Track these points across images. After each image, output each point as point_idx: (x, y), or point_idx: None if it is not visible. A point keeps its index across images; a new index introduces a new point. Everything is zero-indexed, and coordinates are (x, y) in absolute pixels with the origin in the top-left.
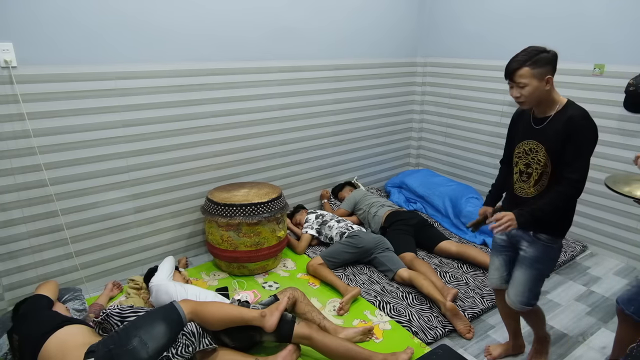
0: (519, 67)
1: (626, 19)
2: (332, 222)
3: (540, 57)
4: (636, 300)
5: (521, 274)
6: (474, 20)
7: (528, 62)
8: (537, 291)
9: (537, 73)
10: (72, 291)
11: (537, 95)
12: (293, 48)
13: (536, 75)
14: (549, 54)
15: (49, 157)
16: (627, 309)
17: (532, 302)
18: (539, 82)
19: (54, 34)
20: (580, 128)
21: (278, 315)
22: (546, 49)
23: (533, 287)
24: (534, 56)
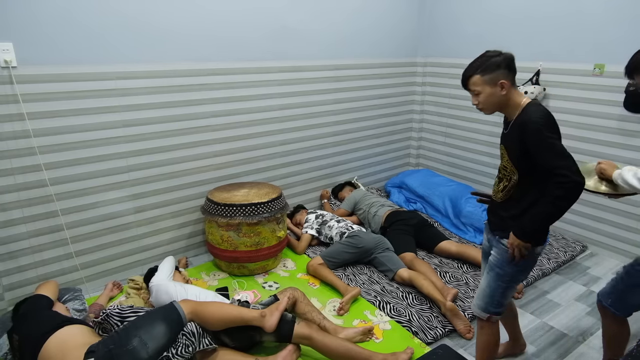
0: (471, 75)
1: (626, 18)
2: (332, 222)
3: (490, 62)
4: (613, 293)
5: (483, 277)
6: (473, 21)
7: (479, 69)
8: (497, 300)
9: (488, 79)
10: (72, 291)
11: (494, 101)
12: (293, 48)
13: (488, 81)
14: (500, 57)
15: (49, 157)
16: (605, 301)
17: (490, 310)
18: (492, 88)
19: (54, 34)
20: (530, 132)
21: (278, 316)
22: (499, 53)
23: (491, 292)
24: (484, 62)
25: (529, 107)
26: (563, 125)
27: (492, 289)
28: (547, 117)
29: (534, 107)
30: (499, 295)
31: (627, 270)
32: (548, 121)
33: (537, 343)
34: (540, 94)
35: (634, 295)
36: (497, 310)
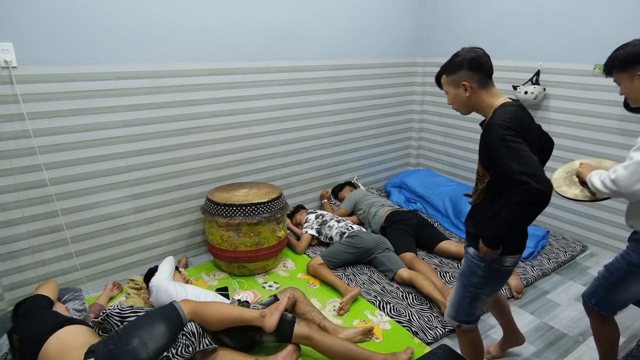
0: (439, 75)
1: (626, 18)
2: (332, 222)
3: (454, 62)
4: (597, 293)
5: (454, 285)
6: (473, 21)
7: (445, 69)
8: (465, 310)
9: (452, 80)
10: (72, 291)
11: (461, 102)
12: (293, 48)
13: (451, 82)
14: (461, 57)
15: (49, 157)
16: (590, 301)
17: (459, 318)
18: (456, 89)
19: (54, 34)
20: (492, 135)
21: (278, 316)
22: (464, 51)
23: (459, 301)
24: (449, 62)
25: (499, 109)
26: (563, 125)
27: (460, 298)
28: (512, 119)
29: (502, 109)
30: (467, 305)
31: (607, 268)
32: (513, 124)
33: (537, 343)
34: (540, 94)
35: (616, 293)
36: (467, 319)
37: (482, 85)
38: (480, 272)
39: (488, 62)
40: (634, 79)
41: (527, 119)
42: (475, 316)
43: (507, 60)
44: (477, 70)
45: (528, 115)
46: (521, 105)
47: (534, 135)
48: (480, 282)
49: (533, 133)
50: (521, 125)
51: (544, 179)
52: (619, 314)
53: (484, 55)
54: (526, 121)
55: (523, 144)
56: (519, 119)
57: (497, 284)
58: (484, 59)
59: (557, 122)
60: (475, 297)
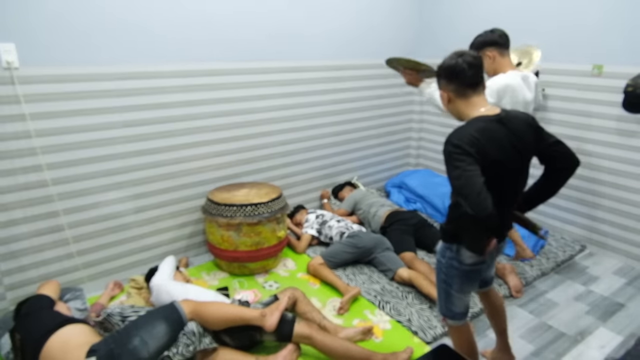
0: None
1: (624, 19)
2: (332, 222)
3: (438, 68)
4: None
5: None
6: (473, 21)
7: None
8: (443, 304)
9: (439, 86)
10: (73, 291)
11: (447, 109)
12: (293, 48)
13: (439, 88)
14: (442, 63)
15: (50, 157)
16: (441, 310)
17: (442, 312)
18: (441, 96)
19: (55, 35)
20: (443, 151)
21: (278, 315)
22: (446, 57)
23: (438, 295)
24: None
25: (467, 124)
26: (562, 125)
27: (438, 292)
28: (468, 137)
29: (469, 124)
30: (443, 300)
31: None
32: (465, 142)
33: (536, 342)
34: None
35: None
36: (447, 314)
37: (458, 94)
38: (444, 268)
39: (467, 72)
40: (484, 58)
41: (498, 135)
42: (454, 312)
43: None
44: (451, 79)
45: (501, 131)
46: (499, 120)
47: (509, 150)
48: (446, 279)
49: (507, 148)
50: (479, 144)
51: (477, 203)
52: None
53: (463, 63)
54: (497, 136)
55: (470, 164)
56: (479, 137)
57: (464, 283)
58: (461, 68)
59: (556, 122)
60: (447, 293)
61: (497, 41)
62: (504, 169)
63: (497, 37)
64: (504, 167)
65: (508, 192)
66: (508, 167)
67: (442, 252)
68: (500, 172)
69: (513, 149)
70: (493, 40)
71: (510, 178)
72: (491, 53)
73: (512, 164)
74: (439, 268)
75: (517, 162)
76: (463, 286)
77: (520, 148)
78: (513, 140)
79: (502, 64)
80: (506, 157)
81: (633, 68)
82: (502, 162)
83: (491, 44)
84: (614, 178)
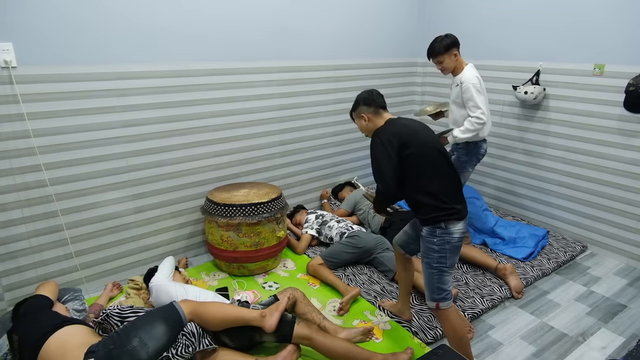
0: (350, 114)
1: (626, 18)
2: (332, 222)
3: (355, 101)
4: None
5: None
6: (473, 21)
7: (352, 109)
8: (436, 286)
9: (357, 115)
10: (72, 291)
11: (367, 129)
12: (293, 48)
13: (357, 116)
14: (358, 97)
15: (48, 157)
16: (432, 297)
17: (434, 297)
18: (359, 120)
19: (54, 34)
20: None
21: (278, 316)
22: (361, 93)
23: (428, 281)
24: (353, 104)
25: (381, 127)
26: (563, 125)
27: (428, 277)
28: (384, 137)
29: (383, 127)
30: (436, 282)
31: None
32: (384, 140)
33: (537, 343)
34: (540, 94)
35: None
36: (440, 296)
37: (374, 113)
38: (436, 247)
39: (378, 98)
40: (451, 57)
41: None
42: (445, 291)
43: (507, 60)
44: (369, 104)
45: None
46: (402, 117)
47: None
48: (439, 257)
49: (417, 132)
50: (391, 142)
51: (380, 201)
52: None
53: (374, 92)
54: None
55: (388, 159)
56: (391, 137)
57: (455, 255)
58: (373, 96)
59: (557, 122)
60: (441, 272)
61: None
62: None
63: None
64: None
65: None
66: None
67: (431, 234)
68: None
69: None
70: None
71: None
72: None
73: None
74: (429, 251)
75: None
76: (454, 259)
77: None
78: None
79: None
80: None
81: (634, 67)
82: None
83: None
84: (616, 178)
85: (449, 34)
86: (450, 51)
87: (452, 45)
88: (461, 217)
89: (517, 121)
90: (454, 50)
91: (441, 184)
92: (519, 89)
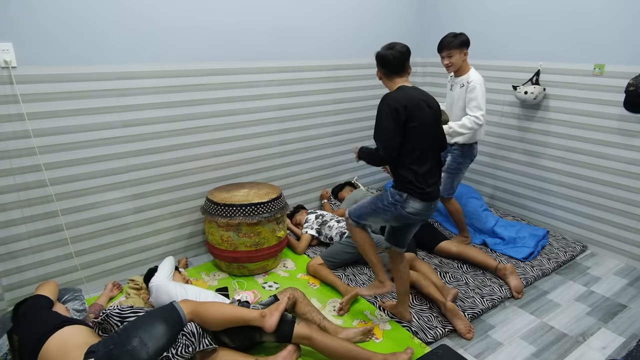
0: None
1: (626, 18)
2: (332, 222)
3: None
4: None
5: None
6: (473, 21)
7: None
8: (360, 214)
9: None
10: (72, 291)
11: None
12: (293, 48)
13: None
14: (378, 52)
15: (48, 157)
16: (352, 214)
17: (352, 216)
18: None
19: (54, 34)
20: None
21: (278, 316)
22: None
23: (363, 207)
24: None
25: (394, 92)
26: (563, 125)
27: (365, 206)
28: (390, 102)
29: (395, 93)
30: (365, 214)
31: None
32: (393, 108)
33: (537, 343)
34: (540, 94)
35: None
36: (356, 220)
37: (386, 76)
38: (386, 202)
39: (393, 62)
40: (462, 54)
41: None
42: (362, 223)
43: (507, 60)
44: (382, 65)
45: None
46: (414, 87)
47: (424, 109)
48: (380, 208)
49: (423, 108)
50: (396, 111)
51: (384, 156)
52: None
53: (391, 54)
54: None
55: (391, 123)
56: (393, 107)
57: (391, 220)
58: (389, 59)
59: (557, 122)
60: (370, 214)
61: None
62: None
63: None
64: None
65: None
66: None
67: (392, 194)
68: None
69: (425, 107)
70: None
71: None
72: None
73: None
74: (381, 198)
75: (431, 118)
76: (388, 220)
77: (425, 108)
78: (425, 102)
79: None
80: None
81: (634, 67)
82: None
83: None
84: (616, 178)
85: (463, 33)
86: (462, 48)
87: (466, 43)
88: (425, 198)
89: (517, 121)
90: (465, 49)
91: (423, 166)
92: (519, 89)
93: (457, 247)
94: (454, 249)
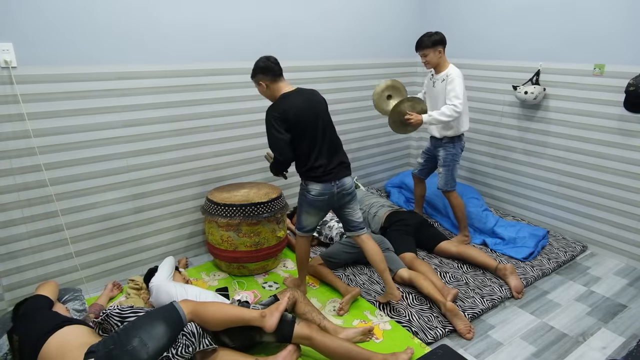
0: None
1: (626, 18)
2: (332, 222)
3: (253, 68)
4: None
5: None
6: (473, 21)
7: (251, 74)
8: (300, 221)
9: (255, 81)
10: (72, 291)
11: (264, 94)
12: (293, 48)
13: (256, 83)
14: (255, 65)
15: (48, 157)
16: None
17: (298, 227)
18: (258, 87)
19: (54, 34)
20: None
21: (278, 316)
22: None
23: (298, 214)
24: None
25: (276, 102)
26: (563, 125)
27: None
28: (275, 113)
29: (276, 103)
30: (299, 216)
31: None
32: (274, 116)
33: (537, 343)
34: (540, 94)
35: None
36: (298, 226)
37: (272, 81)
38: (300, 196)
39: (274, 68)
40: (436, 53)
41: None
42: (302, 228)
43: (507, 60)
44: (264, 73)
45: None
46: (298, 91)
47: (307, 113)
48: (300, 204)
49: (306, 112)
50: (284, 118)
51: (277, 167)
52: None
53: (271, 60)
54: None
55: (279, 132)
56: (284, 112)
57: (309, 207)
58: (270, 65)
59: (557, 122)
60: (300, 214)
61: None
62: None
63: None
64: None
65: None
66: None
67: (300, 187)
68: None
69: (309, 111)
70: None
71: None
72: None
73: (310, 122)
74: (299, 196)
75: (315, 122)
76: (309, 211)
77: (310, 112)
78: (307, 105)
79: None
80: (306, 118)
81: (635, 67)
82: (302, 122)
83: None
84: (616, 178)
85: (439, 32)
86: (436, 47)
87: (439, 42)
88: (321, 180)
89: (517, 121)
90: (439, 47)
91: (314, 151)
92: (519, 89)
93: (457, 247)
94: (454, 249)
